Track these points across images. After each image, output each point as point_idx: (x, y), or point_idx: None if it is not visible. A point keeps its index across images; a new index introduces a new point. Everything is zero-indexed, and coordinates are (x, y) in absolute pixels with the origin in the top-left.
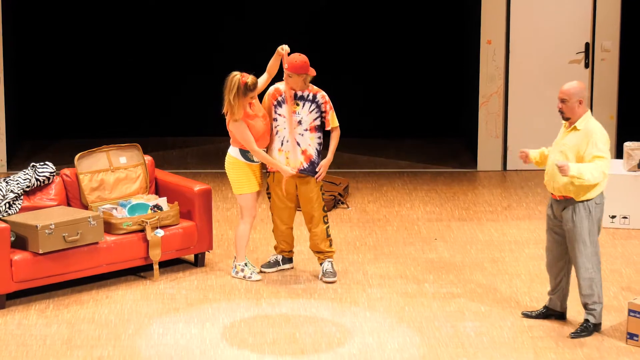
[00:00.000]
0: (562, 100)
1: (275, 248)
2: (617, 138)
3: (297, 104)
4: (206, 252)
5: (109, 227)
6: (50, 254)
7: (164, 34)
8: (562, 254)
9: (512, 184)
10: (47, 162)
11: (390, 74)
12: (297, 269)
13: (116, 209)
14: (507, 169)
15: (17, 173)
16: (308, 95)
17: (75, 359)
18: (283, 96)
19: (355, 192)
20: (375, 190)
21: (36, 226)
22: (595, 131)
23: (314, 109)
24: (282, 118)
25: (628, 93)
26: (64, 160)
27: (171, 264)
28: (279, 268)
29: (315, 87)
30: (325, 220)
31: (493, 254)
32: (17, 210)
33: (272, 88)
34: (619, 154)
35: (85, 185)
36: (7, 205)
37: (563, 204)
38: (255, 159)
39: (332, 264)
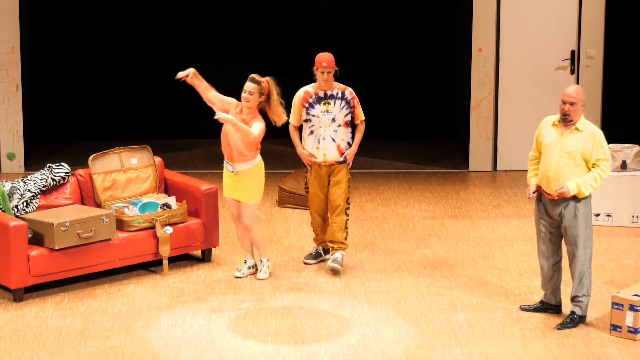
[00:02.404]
0: (571, 104)
1: (315, 240)
2: None
3: (328, 103)
4: (213, 248)
5: (120, 224)
6: (65, 249)
7: (172, 40)
8: (554, 251)
9: (501, 184)
10: (62, 163)
11: (386, 80)
12: (299, 265)
13: (128, 207)
14: (497, 169)
15: (34, 173)
16: (337, 93)
17: (89, 349)
18: (313, 97)
19: (353, 191)
20: (373, 190)
21: (52, 224)
22: (597, 132)
23: (344, 106)
24: (315, 118)
25: (611, 97)
26: (78, 161)
27: (179, 260)
28: (321, 259)
29: (341, 84)
30: (347, 213)
31: (484, 249)
32: (34, 208)
33: (301, 91)
34: None
35: (98, 185)
36: (25, 203)
37: (564, 204)
38: (227, 167)
39: (342, 255)
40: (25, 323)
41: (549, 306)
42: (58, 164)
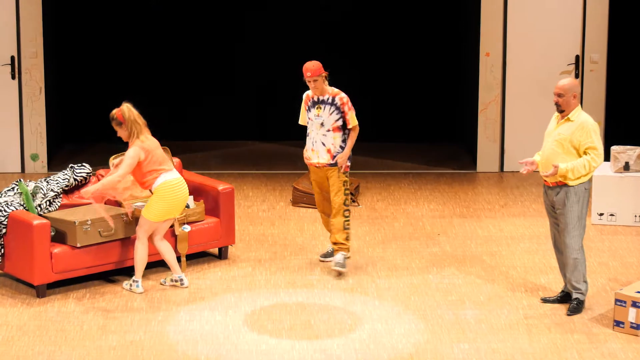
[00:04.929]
0: (559, 95)
1: (331, 238)
2: (605, 142)
3: (320, 108)
4: (229, 246)
5: None
6: (87, 247)
7: (191, 43)
8: None
9: (508, 184)
10: (84, 164)
11: (398, 84)
12: (312, 262)
13: None
14: (504, 170)
15: (56, 173)
16: (328, 99)
17: (109, 343)
18: (311, 101)
19: (365, 191)
20: (384, 190)
21: (74, 222)
22: (588, 122)
23: (334, 111)
24: (310, 121)
25: (614, 101)
26: (99, 161)
27: (197, 257)
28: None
29: (335, 89)
30: (346, 215)
31: (491, 248)
32: (57, 207)
33: (305, 94)
34: (606, 157)
35: (119, 184)
36: (48, 202)
37: (557, 190)
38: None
39: (344, 256)
40: (48, 318)
41: (570, 295)
42: (80, 165)
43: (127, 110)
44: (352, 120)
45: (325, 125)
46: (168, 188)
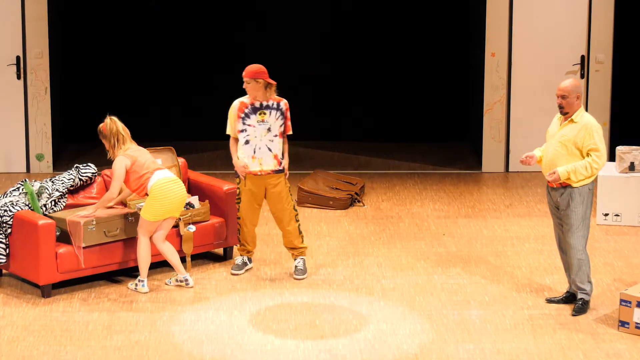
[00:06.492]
0: (562, 97)
1: (241, 250)
2: (610, 142)
3: (264, 113)
4: (234, 247)
5: None
6: (92, 247)
7: (197, 44)
8: None
9: (513, 185)
10: (89, 164)
11: (403, 84)
12: (317, 262)
13: None
14: (509, 170)
15: (62, 173)
16: (273, 104)
17: (114, 343)
18: (249, 108)
19: (370, 191)
20: (389, 190)
21: (80, 222)
22: (591, 124)
23: (279, 116)
24: (251, 128)
25: (620, 101)
26: (104, 161)
27: (202, 257)
28: (247, 268)
29: (277, 96)
30: (297, 219)
31: (496, 248)
32: (62, 207)
33: (237, 102)
34: (611, 157)
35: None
36: (53, 202)
37: (561, 191)
38: None
39: (304, 261)
40: (53, 318)
41: (574, 294)
42: (85, 165)
43: (110, 122)
44: (291, 128)
45: (272, 131)
46: (160, 187)
